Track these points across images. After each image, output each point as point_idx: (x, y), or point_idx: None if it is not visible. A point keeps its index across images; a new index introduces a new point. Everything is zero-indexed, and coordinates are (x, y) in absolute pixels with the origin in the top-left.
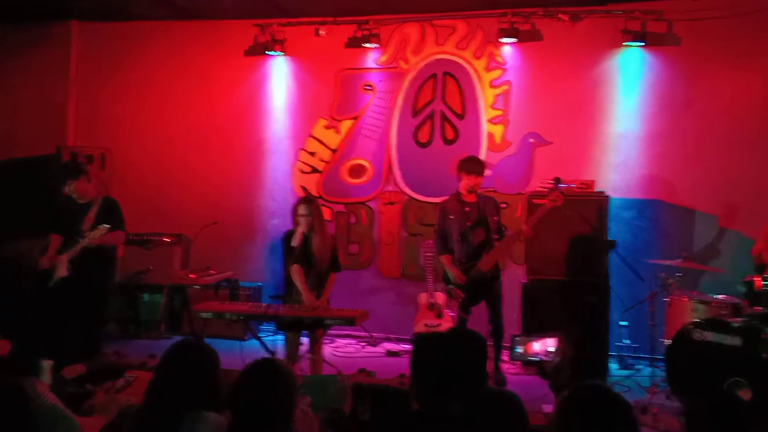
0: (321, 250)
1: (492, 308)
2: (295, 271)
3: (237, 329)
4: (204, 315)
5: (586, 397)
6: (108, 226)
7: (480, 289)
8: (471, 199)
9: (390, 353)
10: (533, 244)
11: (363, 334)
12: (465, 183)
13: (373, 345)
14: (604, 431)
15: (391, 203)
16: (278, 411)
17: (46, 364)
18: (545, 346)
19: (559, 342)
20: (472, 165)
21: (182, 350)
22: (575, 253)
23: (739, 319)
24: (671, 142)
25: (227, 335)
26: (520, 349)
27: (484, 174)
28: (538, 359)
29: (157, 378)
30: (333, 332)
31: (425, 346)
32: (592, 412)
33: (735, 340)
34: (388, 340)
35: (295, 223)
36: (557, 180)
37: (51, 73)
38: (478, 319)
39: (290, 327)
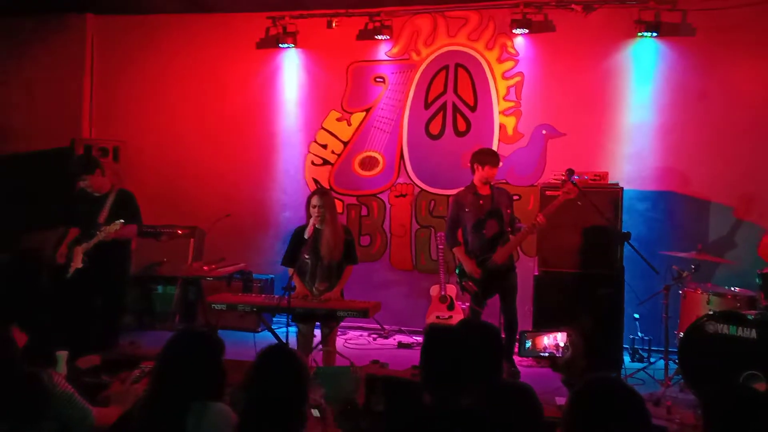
0: (330, 242)
1: (506, 301)
2: (296, 279)
3: (250, 321)
4: (217, 306)
5: (598, 390)
6: (123, 221)
7: (494, 281)
8: (485, 191)
9: (402, 345)
10: (546, 236)
11: (375, 326)
12: (480, 175)
13: (385, 337)
14: (616, 424)
15: (403, 195)
16: (290, 396)
17: (62, 354)
18: (555, 340)
19: (570, 336)
20: (487, 157)
21: (182, 339)
22: (588, 245)
23: (754, 311)
24: (686, 133)
25: (240, 327)
26: (529, 345)
27: (498, 166)
28: (549, 354)
29: (157, 367)
30: (345, 324)
31: (436, 336)
32: (604, 405)
33: (750, 333)
34: (400, 332)
35: (308, 215)
36: (570, 171)
37: (66, 66)
38: (491, 312)
39: (303, 319)
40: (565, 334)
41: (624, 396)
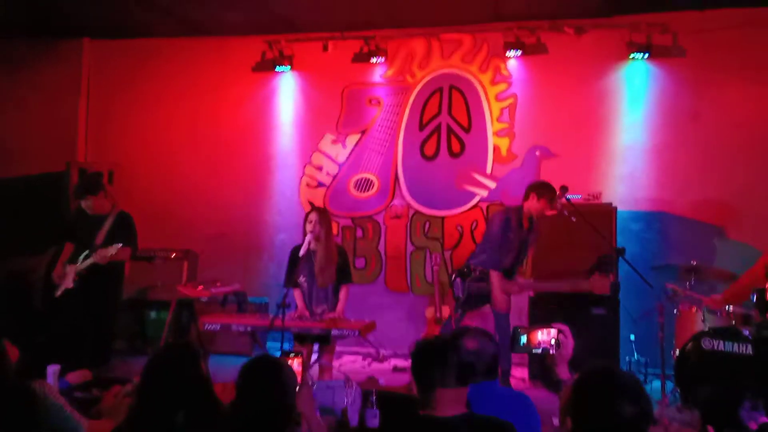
0: (323, 262)
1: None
2: (297, 295)
3: (244, 344)
4: (211, 326)
5: (600, 372)
6: (120, 245)
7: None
8: (526, 222)
9: (397, 369)
10: (540, 256)
11: (370, 350)
12: (535, 206)
13: (380, 361)
14: (621, 399)
15: (398, 216)
16: (276, 405)
17: (53, 369)
18: (549, 336)
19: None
20: (550, 192)
21: (161, 353)
22: (583, 265)
23: (749, 328)
24: (678, 154)
25: (234, 351)
26: (524, 341)
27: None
28: (542, 350)
29: (141, 381)
30: (339, 348)
31: (424, 350)
32: (608, 383)
33: (746, 349)
34: (396, 356)
35: (305, 233)
36: (564, 189)
37: (62, 90)
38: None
39: (300, 339)
40: (557, 330)
41: (625, 375)
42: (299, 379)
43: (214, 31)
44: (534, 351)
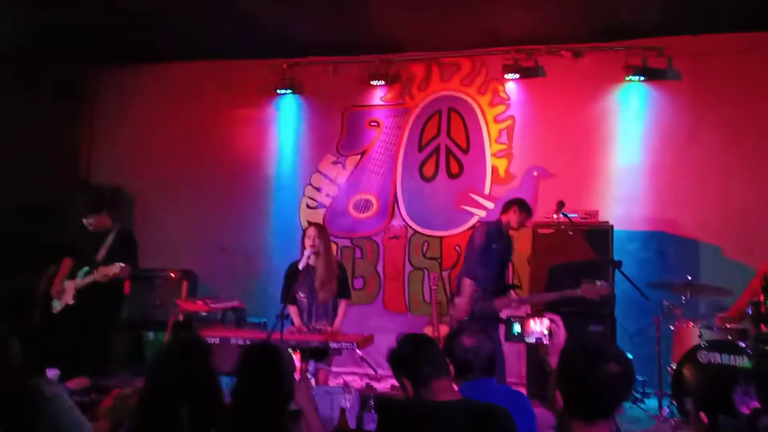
0: (324, 277)
1: None
2: (293, 312)
3: None
4: (210, 340)
5: (581, 347)
6: (122, 264)
7: None
8: (507, 236)
9: (395, 388)
10: (536, 274)
11: (368, 370)
12: (514, 219)
13: (378, 380)
14: (600, 371)
15: (396, 237)
16: (276, 388)
17: (52, 373)
18: (542, 325)
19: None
20: (530, 209)
21: (168, 347)
22: (580, 283)
23: (746, 341)
24: (674, 175)
25: (232, 372)
26: (517, 329)
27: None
28: (535, 339)
29: (147, 377)
30: (337, 369)
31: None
32: (595, 349)
33: (743, 361)
34: (393, 377)
35: (304, 248)
36: (561, 204)
37: (66, 114)
38: None
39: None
40: (550, 320)
41: (605, 343)
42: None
43: (217, 55)
44: (527, 340)
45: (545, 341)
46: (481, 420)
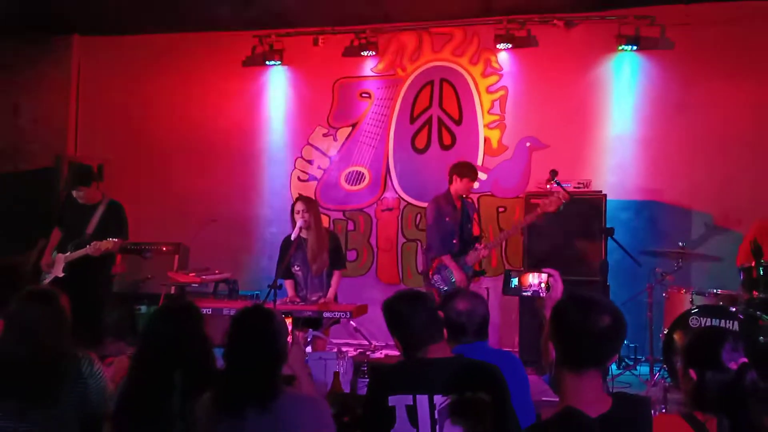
0: (315, 249)
1: None
2: (289, 286)
3: None
4: (202, 311)
5: (574, 298)
6: (116, 240)
7: None
8: (458, 203)
9: (389, 358)
10: (531, 244)
11: (362, 342)
12: (460, 186)
13: (372, 352)
14: (592, 321)
15: (389, 209)
16: (269, 350)
17: None
18: (540, 279)
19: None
20: (469, 170)
21: (161, 311)
22: (572, 252)
23: (737, 306)
24: (666, 144)
25: (224, 344)
26: (515, 283)
27: (475, 181)
28: (532, 292)
29: (140, 340)
30: (332, 338)
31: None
32: (580, 308)
33: (733, 325)
34: (387, 346)
35: (294, 222)
36: (554, 173)
37: (53, 86)
38: None
39: (294, 324)
40: (548, 274)
41: (597, 295)
42: (290, 336)
43: (204, 26)
44: (524, 293)
45: (542, 294)
46: (472, 375)
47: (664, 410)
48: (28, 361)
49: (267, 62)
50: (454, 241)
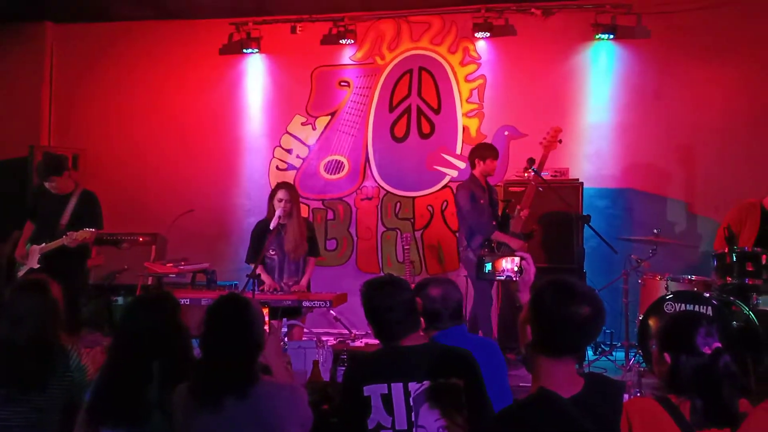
0: (295, 236)
1: None
2: (261, 271)
3: None
4: (180, 301)
5: (554, 283)
6: (92, 230)
7: None
8: (484, 184)
9: (370, 347)
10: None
11: (343, 331)
12: (484, 168)
13: (352, 340)
14: (572, 309)
15: (368, 198)
16: (245, 339)
17: None
18: (513, 263)
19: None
20: (490, 151)
21: (136, 302)
22: (549, 239)
23: (711, 292)
24: (642, 132)
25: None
26: (489, 267)
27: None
28: (506, 276)
29: (116, 333)
30: (311, 329)
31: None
32: (561, 293)
33: (707, 310)
34: (367, 335)
35: (271, 208)
36: (531, 160)
37: (25, 75)
38: None
39: (272, 313)
40: (521, 258)
41: (578, 281)
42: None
43: (180, 14)
44: (498, 278)
45: (515, 278)
46: (446, 361)
47: (639, 394)
48: (20, 351)
49: (244, 50)
50: (494, 222)
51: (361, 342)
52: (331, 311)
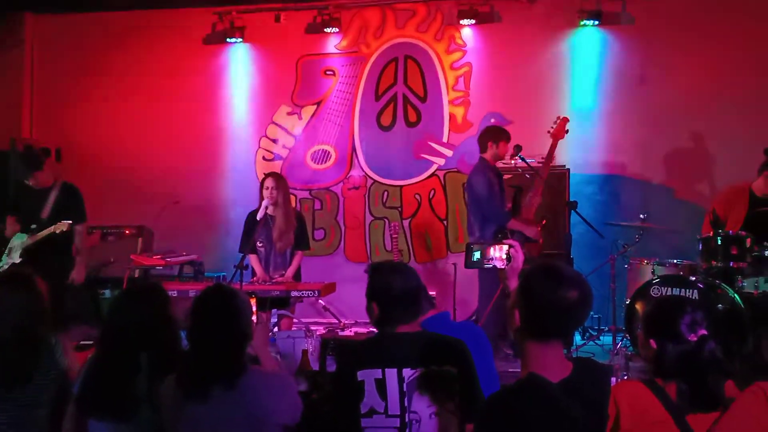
0: (282, 227)
1: None
2: (254, 260)
3: None
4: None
5: (543, 268)
6: (70, 222)
7: None
8: (497, 169)
9: (359, 335)
10: None
11: (332, 320)
12: (498, 151)
13: (342, 330)
14: (560, 293)
15: (356, 187)
16: (232, 329)
17: None
18: (501, 251)
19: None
20: (503, 133)
21: (126, 293)
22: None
23: (696, 276)
24: (628, 118)
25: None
26: (477, 256)
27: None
28: (493, 265)
29: (105, 325)
30: (300, 317)
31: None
32: (549, 278)
33: (693, 294)
34: (357, 324)
35: (261, 198)
36: (518, 147)
37: (5, 66)
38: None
39: (260, 304)
40: (508, 245)
41: (566, 266)
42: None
43: (163, 3)
44: (486, 266)
45: (502, 265)
46: (440, 349)
47: (626, 377)
48: (4, 345)
49: (228, 40)
50: (509, 206)
51: (351, 331)
52: (320, 300)
